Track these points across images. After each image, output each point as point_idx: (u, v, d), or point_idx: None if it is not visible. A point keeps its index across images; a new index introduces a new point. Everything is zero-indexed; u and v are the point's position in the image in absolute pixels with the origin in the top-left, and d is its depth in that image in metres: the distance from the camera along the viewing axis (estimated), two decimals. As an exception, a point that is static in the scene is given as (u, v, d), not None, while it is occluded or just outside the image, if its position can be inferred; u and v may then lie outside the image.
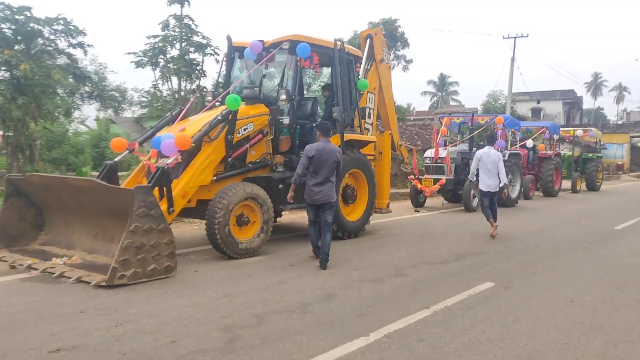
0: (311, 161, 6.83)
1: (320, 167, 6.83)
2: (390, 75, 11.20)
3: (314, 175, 6.85)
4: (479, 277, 6.40)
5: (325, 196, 6.86)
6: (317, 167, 6.83)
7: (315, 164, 6.83)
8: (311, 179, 6.87)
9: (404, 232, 9.77)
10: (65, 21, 13.48)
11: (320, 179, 6.83)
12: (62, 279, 5.67)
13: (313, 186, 6.83)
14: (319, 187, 6.84)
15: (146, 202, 5.63)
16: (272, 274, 6.26)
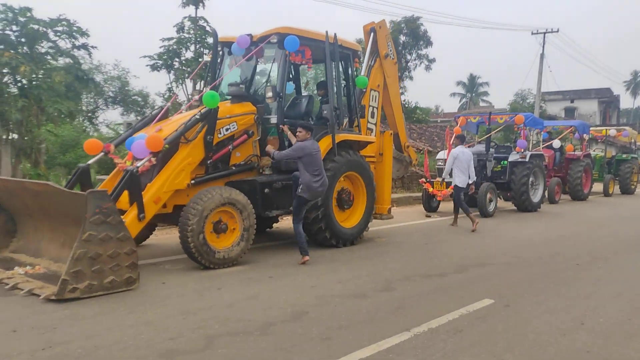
0: (306, 161, 6.88)
1: (317, 164, 6.97)
2: (396, 71, 10.55)
3: (314, 173, 6.92)
4: (477, 292, 5.71)
5: (324, 185, 7.06)
6: (315, 165, 6.94)
7: (311, 162, 6.91)
8: (312, 177, 6.91)
9: (407, 239, 9.09)
10: (68, 22, 13.20)
11: (319, 174, 6.97)
12: (15, 291, 5.23)
13: (314, 183, 6.92)
14: (320, 180, 6.97)
15: (102, 208, 5.14)
16: (245, 286, 5.70)
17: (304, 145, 6.93)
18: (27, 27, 12.59)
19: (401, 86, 34.92)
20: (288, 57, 7.60)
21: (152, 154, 6.32)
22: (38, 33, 12.90)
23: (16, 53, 12.23)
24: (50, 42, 13.10)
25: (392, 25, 33.41)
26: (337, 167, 7.90)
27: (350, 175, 8.31)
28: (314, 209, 7.63)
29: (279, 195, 7.43)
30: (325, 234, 7.79)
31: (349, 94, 8.88)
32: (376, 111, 9.95)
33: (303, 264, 6.82)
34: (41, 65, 12.75)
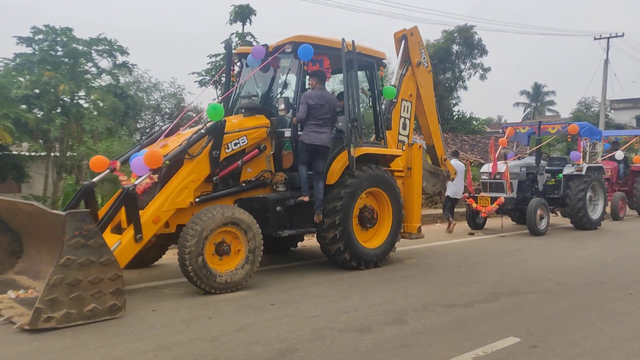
0: (310, 109, 6.95)
1: (320, 113, 6.97)
2: (430, 80, 9.89)
3: (314, 120, 6.95)
4: (502, 328, 4.97)
5: (321, 140, 6.97)
6: (317, 113, 6.96)
7: (315, 109, 6.95)
8: (311, 124, 6.96)
9: (440, 261, 8.36)
10: (108, 42, 13.34)
11: (321, 123, 6.96)
12: (-2, 318, 4.97)
13: (312, 129, 6.95)
14: (319, 129, 6.96)
15: (82, 230, 4.80)
16: (240, 316, 5.21)
17: (307, 93, 7.04)
18: (69, 47, 12.81)
19: (455, 96, 33.85)
20: (303, 67, 7.12)
21: (152, 170, 5.99)
22: (79, 52, 13.10)
23: (56, 72, 12.43)
24: (91, 61, 13.25)
25: (444, 34, 32.50)
26: (358, 183, 7.32)
27: (374, 191, 7.71)
28: (331, 228, 7.08)
29: (293, 213, 6.95)
30: (344, 255, 7.22)
31: (375, 104, 8.30)
32: (408, 122, 9.31)
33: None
34: (81, 84, 12.90)
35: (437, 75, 32.80)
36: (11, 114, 10.93)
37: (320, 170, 7.06)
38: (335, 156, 7.32)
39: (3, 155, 13.54)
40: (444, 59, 32.45)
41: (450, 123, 34.17)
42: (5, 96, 11.16)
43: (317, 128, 6.97)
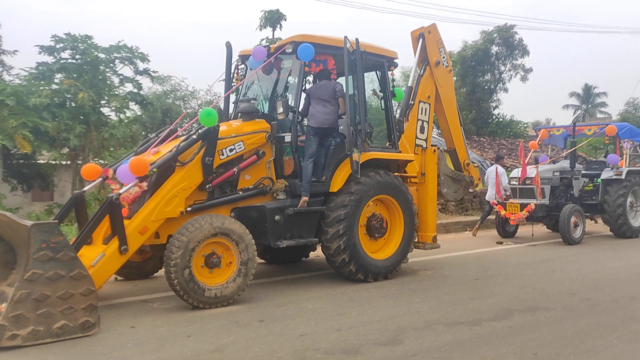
0: (309, 97, 6.99)
1: (318, 94, 6.90)
2: (451, 80, 9.35)
3: (316, 103, 6.88)
4: (507, 351, 4.46)
5: (329, 122, 6.86)
6: (316, 94, 6.91)
7: (313, 93, 6.93)
8: (314, 108, 6.90)
9: (458, 272, 7.80)
10: (128, 49, 13.37)
11: (323, 103, 6.85)
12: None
13: (317, 109, 6.85)
14: (324, 110, 6.84)
15: (50, 243, 4.56)
16: (221, 334, 4.85)
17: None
18: (90, 55, 12.89)
19: (494, 99, 32.79)
20: (304, 68, 6.75)
21: (138, 179, 5.73)
22: (100, 60, 13.17)
23: (77, 80, 12.51)
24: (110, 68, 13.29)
25: (482, 35, 31.57)
26: (364, 190, 6.89)
27: (384, 199, 7.25)
28: (335, 238, 6.67)
29: (293, 223, 6.56)
30: (350, 267, 6.79)
31: (387, 106, 7.85)
32: (426, 125, 8.80)
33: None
34: (102, 92, 12.95)
35: (476, 77, 31.93)
36: (29, 123, 10.99)
37: (313, 152, 6.75)
38: (340, 161, 6.91)
39: (29, 164, 13.74)
40: (483, 61, 31.52)
41: (489, 127, 33.14)
42: (25, 105, 11.25)
43: (322, 108, 6.84)
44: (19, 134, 10.82)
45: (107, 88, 13.09)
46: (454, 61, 32.10)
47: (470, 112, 31.60)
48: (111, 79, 13.30)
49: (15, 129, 10.76)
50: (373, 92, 8.10)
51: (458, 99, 31.54)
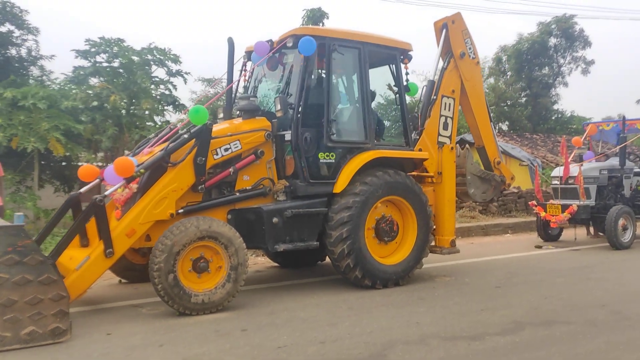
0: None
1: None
2: (478, 73, 8.72)
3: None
4: (502, 372, 3.94)
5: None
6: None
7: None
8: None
9: (480, 279, 7.23)
10: (160, 50, 13.43)
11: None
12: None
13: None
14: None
15: (16, 247, 4.43)
16: (195, 344, 4.57)
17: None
18: (125, 58, 13.04)
19: (553, 94, 31.23)
20: (305, 62, 6.39)
21: (125, 180, 5.57)
22: (134, 63, 13.31)
23: (108, 83, 12.68)
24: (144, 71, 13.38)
25: (539, 27, 30.12)
26: (371, 191, 6.46)
27: (395, 200, 6.80)
28: (339, 242, 6.29)
29: (292, 226, 6.22)
30: (355, 272, 6.38)
31: (401, 102, 7.39)
32: (450, 121, 8.22)
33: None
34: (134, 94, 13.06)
35: (532, 71, 30.53)
36: (61, 126, 11.17)
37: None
38: (344, 160, 6.53)
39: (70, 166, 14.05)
40: (540, 54, 30.14)
41: (548, 123, 31.63)
42: (58, 108, 11.45)
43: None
44: (52, 136, 11.02)
45: (139, 90, 13.16)
46: (508, 55, 30.89)
47: (526, 108, 30.24)
48: (144, 82, 13.36)
49: (47, 131, 10.96)
50: (388, 87, 7.64)
51: (512, 94, 30.48)
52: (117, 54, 12.86)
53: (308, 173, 6.39)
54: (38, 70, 13.84)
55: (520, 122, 29.85)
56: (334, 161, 6.53)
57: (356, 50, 6.73)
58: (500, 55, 31.63)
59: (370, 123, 6.74)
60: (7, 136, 10.64)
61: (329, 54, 6.49)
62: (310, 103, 6.49)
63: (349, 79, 7.25)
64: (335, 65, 6.71)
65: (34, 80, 12.57)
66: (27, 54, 13.36)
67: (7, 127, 10.72)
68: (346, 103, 7.28)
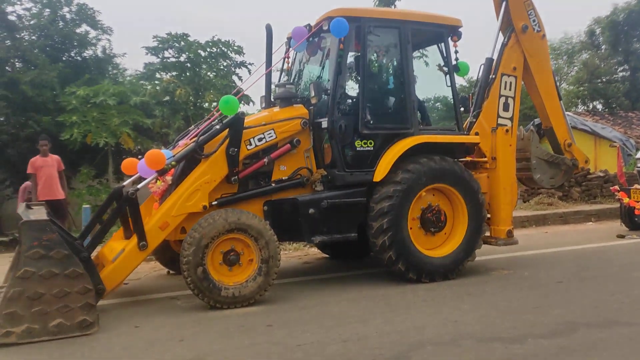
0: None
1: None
2: (544, 47, 7.95)
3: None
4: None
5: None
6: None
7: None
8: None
9: (542, 273, 6.62)
10: (224, 43, 13.60)
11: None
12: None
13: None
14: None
15: (42, 241, 4.53)
16: (216, 339, 4.47)
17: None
18: (192, 52, 13.35)
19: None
20: (339, 45, 6.09)
21: (157, 172, 5.57)
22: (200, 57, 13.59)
23: (174, 77, 13.02)
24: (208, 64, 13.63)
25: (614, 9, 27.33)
26: (413, 178, 6.08)
27: (442, 188, 6.36)
28: (380, 234, 5.98)
29: (329, 217, 5.98)
30: (398, 265, 6.05)
31: (451, 83, 6.90)
32: (512, 102, 7.59)
33: None
34: (200, 87, 13.34)
35: (629, 44, 28.00)
36: (130, 120, 11.61)
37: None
38: (384, 147, 6.19)
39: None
40: (638, 24, 27.50)
41: (651, 101, 28.95)
42: (128, 104, 11.91)
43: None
44: (122, 131, 11.48)
45: (205, 83, 13.42)
46: (602, 27, 28.50)
47: (623, 84, 27.83)
48: (208, 75, 13.62)
49: (118, 127, 11.43)
50: (438, 68, 7.16)
51: (607, 70, 28.15)
52: (183, 49, 13.17)
53: (345, 162, 6.12)
54: (112, 68, 14.47)
55: (617, 99, 27.53)
56: (372, 149, 6.20)
57: (395, 30, 6.33)
58: (593, 28, 29.30)
59: (413, 107, 6.32)
60: (81, 132, 11.21)
61: (364, 36, 6.14)
62: (345, 88, 6.19)
63: (388, 61, 6.85)
64: (372, 47, 6.39)
65: (109, 78, 13.14)
66: (102, 52, 13.99)
67: (81, 124, 11.28)
68: (385, 87, 6.89)
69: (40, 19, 12.63)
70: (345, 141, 6.13)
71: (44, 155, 8.37)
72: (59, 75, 11.96)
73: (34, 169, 8.25)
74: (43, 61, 11.92)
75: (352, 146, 6.17)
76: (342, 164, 6.10)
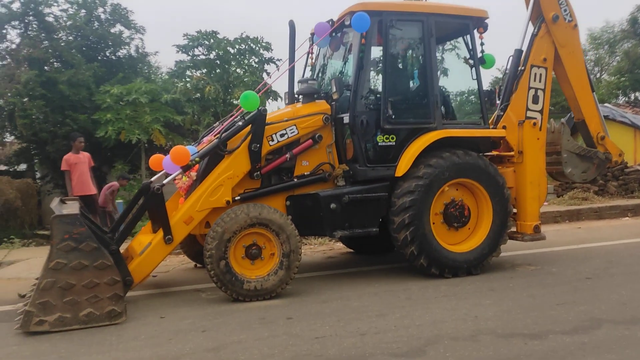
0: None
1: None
2: (576, 37, 7.74)
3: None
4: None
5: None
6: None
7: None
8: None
9: (569, 269, 6.50)
10: (253, 39, 13.73)
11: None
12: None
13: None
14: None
15: (72, 234, 4.72)
16: (236, 331, 4.57)
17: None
18: (221, 49, 13.54)
19: None
20: (361, 40, 6.10)
21: (182, 168, 5.71)
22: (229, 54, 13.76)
23: (204, 75, 13.23)
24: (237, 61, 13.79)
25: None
26: (436, 173, 6.05)
27: (466, 183, 6.31)
28: (401, 229, 5.98)
29: (351, 212, 6.01)
30: (420, 260, 6.04)
31: (477, 76, 6.82)
32: (542, 94, 7.45)
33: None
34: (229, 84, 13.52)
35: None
36: (161, 117, 11.86)
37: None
38: (406, 142, 6.17)
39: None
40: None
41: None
42: (159, 101, 12.17)
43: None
44: (154, 128, 11.75)
45: (234, 79, 13.59)
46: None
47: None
48: (237, 71, 13.77)
49: (150, 124, 11.70)
50: (464, 60, 7.09)
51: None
52: (212, 46, 13.35)
53: (367, 157, 6.14)
54: (145, 66, 14.78)
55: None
56: (394, 144, 6.20)
57: (419, 23, 6.29)
58: (636, 16, 28.30)
59: (436, 102, 6.28)
60: (115, 129, 11.52)
61: (387, 30, 6.13)
62: (367, 84, 6.20)
63: (411, 55, 6.81)
64: (395, 41, 6.35)
65: (142, 77, 13.45)
66: (135, 51, 14.31)
67: (115, 121, 11.59)
68: (408, 82, 6.85)
69: (76, 19, 13.00)
70: (367, 136, 6.15)
71: (77, 152, 8.64)
72: (94, 74, 12.31)
73: (68, 165, 8.53)
74: (79, 61, 12.28)
75: (374, 141, 6.18)
76: (363, 159, 6.12)
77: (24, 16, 12.75)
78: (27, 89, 11.54)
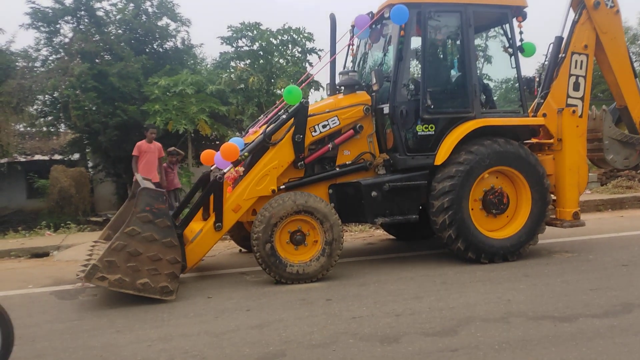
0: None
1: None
2: (618, 23, 7.63)
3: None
4: (572, 357, 3.64)
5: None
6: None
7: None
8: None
9: (606, 257, 6.54)
10: (295, 30, 13.96)
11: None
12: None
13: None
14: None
15: (153, 208, 5.15)
16: (278, 310, 4.88)
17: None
18: (265, 40, 13.84)
19: None
20: (400, 32, 6.26)
21: (233, 163, 6.01)
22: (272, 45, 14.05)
23: (248, 66, 13.58)
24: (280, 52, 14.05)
25: None
26: (476, 160, 6.20)
27: (506, 171, 6.43)
28: (440, 212, 6.17)
29: (391, 199, 6.23)
30: (457, 244, 6.21)
31: (516, 64, 6.89)
32: (583, 81, 7.42)
33: None
34: (272, 74, 13.81)
35: None
36: (207, 108, 12.29)
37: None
38: (446, 131, 6.33)
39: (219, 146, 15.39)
40: None
41: None
42: (205, 92, 12.59)
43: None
44: (199, 118, 12.20)
45: (277, 70, 13.86)
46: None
47: None
48: (280, 62, 14.04)
49: (195, 114, 12.16)
50: (503, 49, 7.15)
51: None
52: (255, 38, 13.66)
53: (406, 146, 6.33)
54: (190, 58, 15.24)
55: None
56: (433, 133, 6.36)
57: (457, 14, 6.41)
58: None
59: (474, 91, 6.40)
60: (163, 120, 12.01)
61: (425, 21, 6.27)
62: (406, 74, 6.37)
63: (450, 46, 6.92)
64: (433, 33, 6.50)
65: (188, 68, 13.91)
66: (181, 43, 14.78)
67: (163, 112, 12.09)
68: (446, 72, 6.98)
69: (125, 13, 13.53)
70: (407, 126, 6.34)
71: (150, 141, 9.16)
72: (142, 67, 12.82)
73: (139, 151, 9.05)
74: (128, 54, 12.81)
75: (414, 131, 6.36)
76: (403, 148, 6.31)
77: (76, 11, 13.39)
78: (80, 81, 12.16)
